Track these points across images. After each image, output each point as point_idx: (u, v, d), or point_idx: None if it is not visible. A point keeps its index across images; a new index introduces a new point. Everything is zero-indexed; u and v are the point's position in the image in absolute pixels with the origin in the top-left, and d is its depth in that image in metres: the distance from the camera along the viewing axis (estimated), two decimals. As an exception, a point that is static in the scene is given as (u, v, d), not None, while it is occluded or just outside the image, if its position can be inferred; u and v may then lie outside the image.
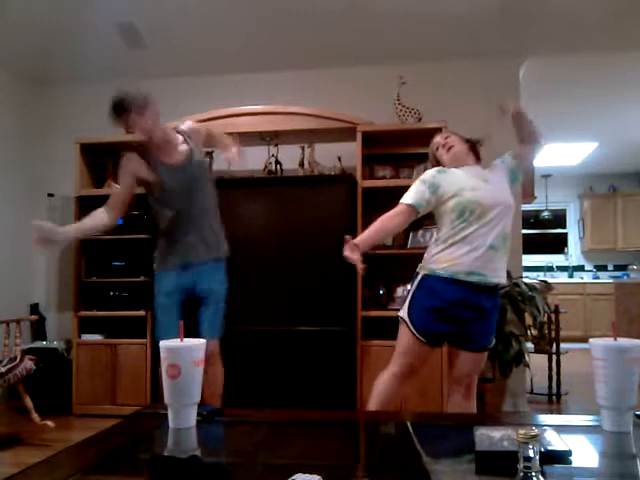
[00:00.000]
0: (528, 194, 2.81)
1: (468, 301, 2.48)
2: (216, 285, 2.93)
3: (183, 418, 1.45)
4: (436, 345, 2.59)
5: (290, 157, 4.46)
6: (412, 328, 2.53)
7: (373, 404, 2.57)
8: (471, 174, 2.59)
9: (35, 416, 3.82)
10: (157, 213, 2.92)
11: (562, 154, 7.84)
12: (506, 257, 2.56)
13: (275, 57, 4.78)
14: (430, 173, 2.60)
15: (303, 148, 4.43)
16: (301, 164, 4.44)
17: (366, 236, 2.54)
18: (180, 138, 2.90)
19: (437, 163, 2.73)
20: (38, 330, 4.97)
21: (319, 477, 1.06)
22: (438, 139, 2.74)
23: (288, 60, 4.79)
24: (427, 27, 4.37)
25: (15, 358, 3.77)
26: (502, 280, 2.55)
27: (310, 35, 4.54)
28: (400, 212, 2.56)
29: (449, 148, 2.66)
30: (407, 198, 2.58)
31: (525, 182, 2.72)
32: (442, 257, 2.51)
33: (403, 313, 2.59)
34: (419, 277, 2.57)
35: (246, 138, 4.51)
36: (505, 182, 2.64)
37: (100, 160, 4.76)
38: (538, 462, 0.91)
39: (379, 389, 2.60)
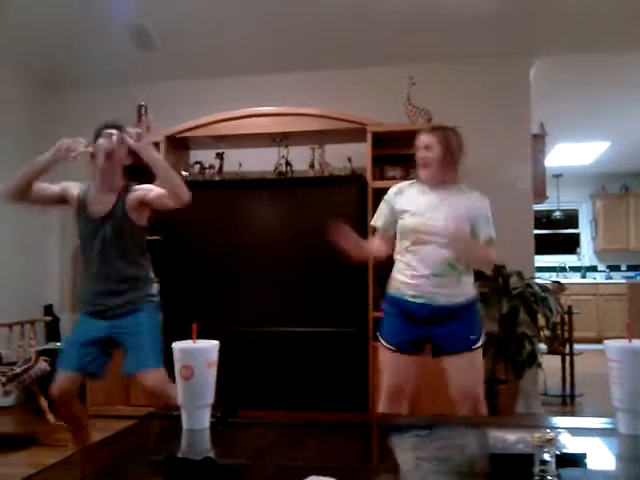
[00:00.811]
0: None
1: (428, 312, 2.48)
2: (136, 336, 2.70)
3: (196, 419, 1.46)
4: (411, 352, 2.53)
5: (300, 158, 4.46)
6: (383, 341, 2.57)
7: None
8: (429, 196, 2.55)
9: (50, 417, 3.84)
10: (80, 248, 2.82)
11: (574, 154, 7.79)
12: (460, 280, 2.51)
13: (284, 59, 4.78)
14: (389, 193, 2.68)
15: (313, 149, 4.43)
16: (311, 165, 4.44)
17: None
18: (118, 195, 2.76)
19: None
20: (52, 331, 5.00)
21: (333, 479, 1.06)
22: (422, 140, 2.59)
23: (298, 61, 4.80)
24: (436, 28, 4.36)
25: (30, 359, 3.80)
26: (457, 300, 2.49)
27: (319, 37, 4.54)
28: (376, 237, 2.70)
29: (425, 165, 2.57)
30: (374, 220, 2.71)
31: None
32: (394, 279, 2.60)
33: (379, 334, 2.65)
34: (385, 295, 2.67)
35: (256, 139, 4.53)
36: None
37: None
38: (554, 465, 0.90)
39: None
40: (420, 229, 2.48)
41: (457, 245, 2.42)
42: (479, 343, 2.53)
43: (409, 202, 2.57)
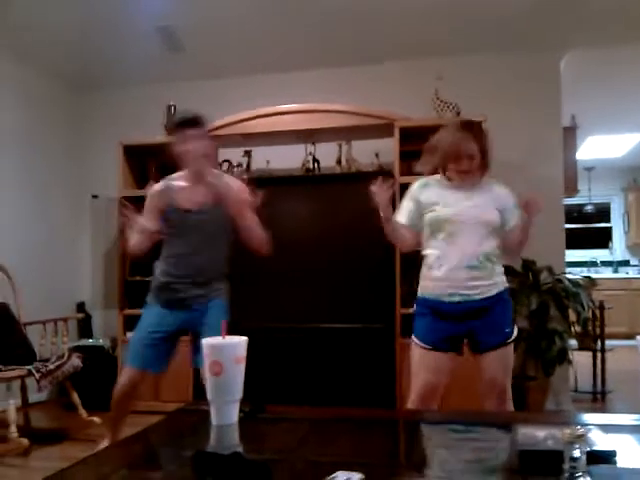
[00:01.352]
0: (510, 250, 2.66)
1: (464, 309, 2.45)
2: (209, 327, 2.69)
3: (225, 414, 1.47)
4: (445, 349, 2.49)
5: (327, 155, 4.46)
6: (418, 340, 2.53)
7: None
8: (456, 190, 2.52)
9: (82, 412, 3.92)
10: (165, 236, 2.82)
11: (605, 146, 7.65)
12: (494, 271, 2.48)
13: (310, 56, 4.78)
14: (414, 187, 2.62)
15: (340, 145, 4.43)
16: (338, 161, 4.44)
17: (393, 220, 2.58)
18: (214, 184, 2.79)
19: (439, 167, 2.56)
20: (84, 328, 5.09)
21: (360, 475, 1.06)
22: (467, 150, 2.44)
23: (323, 58, 4.79)
24: (465, 21, 4.31)
25: (63, 356, 3.87)
26: (491, 293, 2.46)
27: (344, 33, 4.53)
28: (405, 231, 2.61)
29: (466, 173, 2.48)
30: (397, 216, 2.62)
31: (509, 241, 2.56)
32: (426, 278, 2.55)
33: (413, 333, 2.60)
34: (417, 298, 2.61)
35: (284, 137, 4.54)
36: (492, 208, 2.50)
37: (142, 161, 4.85)
38: (584, 462, 0.89)
39: None
40: (455, 219, 2.45)
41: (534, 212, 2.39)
42: (513, 336, 2.51)
43: (437, 195, 2.53)
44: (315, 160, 4.48)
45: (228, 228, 2.81)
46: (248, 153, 4.61)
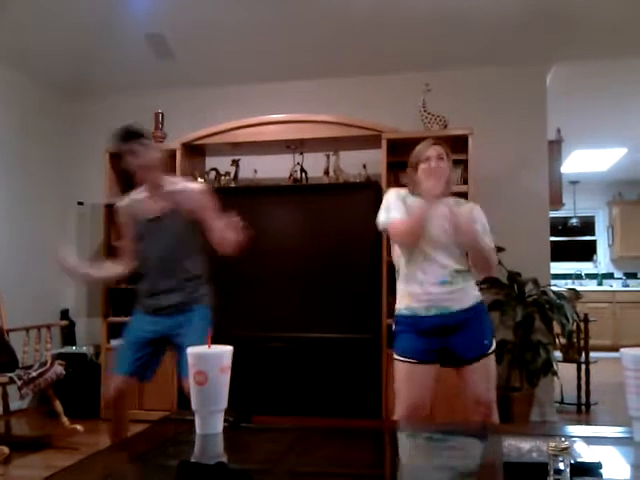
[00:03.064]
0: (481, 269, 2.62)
1: (441, 323, 2.46)
2: (188, 336, 2.66)
3: (210, 424, 1.46)
4: (429, 361, 2.49)
5: (315, 165, 4.47)
6: (402, 357, 2.52)
7: None
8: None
9: (65, 420, 3.87)
10: (137, 248, 2.84)
11: (590, 160, 7.73)
12: (467, 285, 2.50)
13: (300, 66, 4.80)
14: (399, 192, 2.59)
15: (328, 156, 4.44)
16: (326, 172, 4.44)
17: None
18: (170, 189, 2.79)
19: (413, 171, 2.57)
20: (68, 335, 5.04)
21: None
22: (436, 150, 2.52)
23: (313, 69, 4.81)
24: (452, 34, 4.35)
25: (45, 363, 3.83)
26: (468, 304, 2.48)
27: (335, 44, 4.55)
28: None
29: (438, 175, 2.47)
30: (388, 213, 2.52)
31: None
32: (402, 296, 2.57)
33: (394, 352, 2.59)
34: (395, 317, 2.62)
35: (272, 146, 4.55)
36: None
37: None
38: (569, 475, 0.90)
39: None
40: (426, 239, 2.47)
41: (462, 228, 2.39)
42: (492, 347, 2.52)
43: (412, 210, 2.52)
44: (303, 170, 4.48)
45: (195, 231, 2.78)
46: (236, 162, 4.61)
